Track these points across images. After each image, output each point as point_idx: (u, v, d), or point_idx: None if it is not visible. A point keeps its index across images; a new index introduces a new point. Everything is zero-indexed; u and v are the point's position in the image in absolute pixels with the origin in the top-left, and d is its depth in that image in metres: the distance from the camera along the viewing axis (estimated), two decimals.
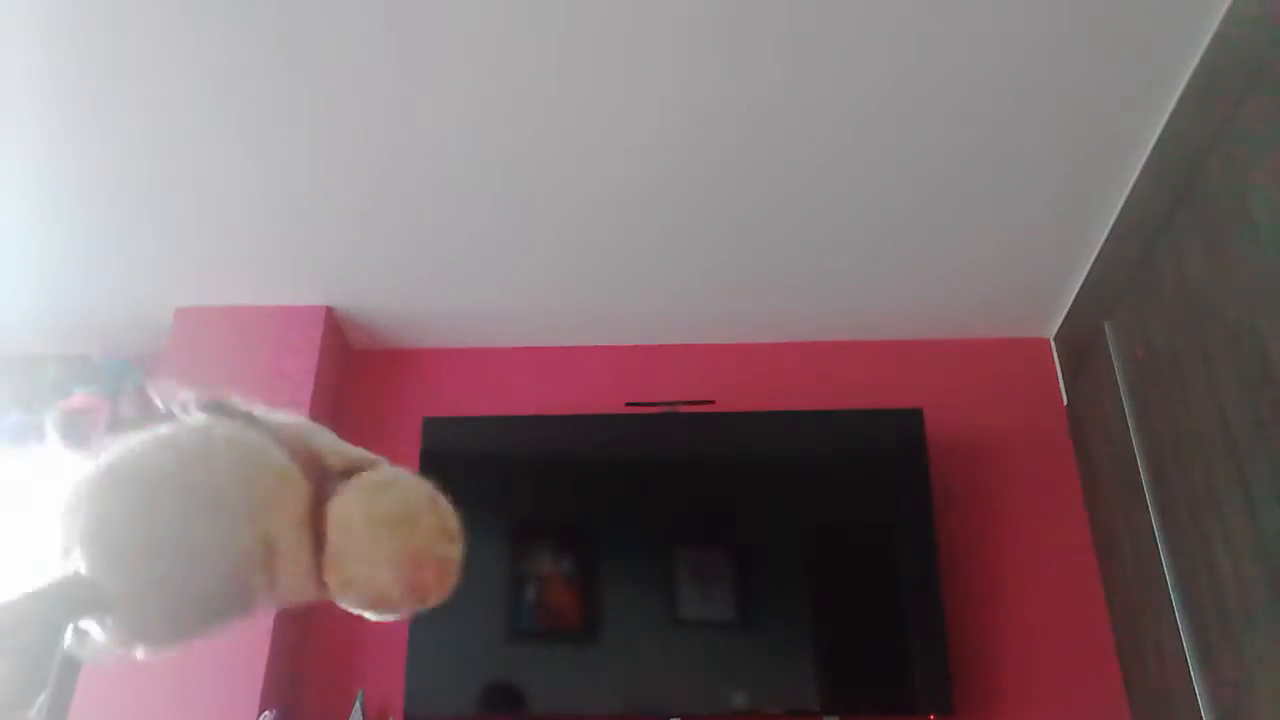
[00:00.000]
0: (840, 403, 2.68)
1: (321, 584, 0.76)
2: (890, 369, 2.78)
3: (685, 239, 2.42)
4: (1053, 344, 2.81)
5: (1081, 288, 2.56)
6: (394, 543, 0.77)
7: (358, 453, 0.83)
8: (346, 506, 0.77)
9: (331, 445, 0.82)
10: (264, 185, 2.24)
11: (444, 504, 0.81)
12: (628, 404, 2.68)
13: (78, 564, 0.67)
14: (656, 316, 2.74)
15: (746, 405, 2.66)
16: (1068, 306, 2.66)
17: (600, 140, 2.10)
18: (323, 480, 0.78)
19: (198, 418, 0.82)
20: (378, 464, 0.83)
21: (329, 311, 2.69)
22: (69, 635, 0.67)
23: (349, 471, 0.80)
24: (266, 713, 2.23)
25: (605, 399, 2.73)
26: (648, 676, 2.37)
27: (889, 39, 1.85)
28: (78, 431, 0.77)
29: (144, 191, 2.26)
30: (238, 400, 0.86)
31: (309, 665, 2.48)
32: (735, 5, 1.78)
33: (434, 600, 0.79)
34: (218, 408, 0.85)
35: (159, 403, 0.85)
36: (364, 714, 2.37)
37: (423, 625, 2.39)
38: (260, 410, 0.86)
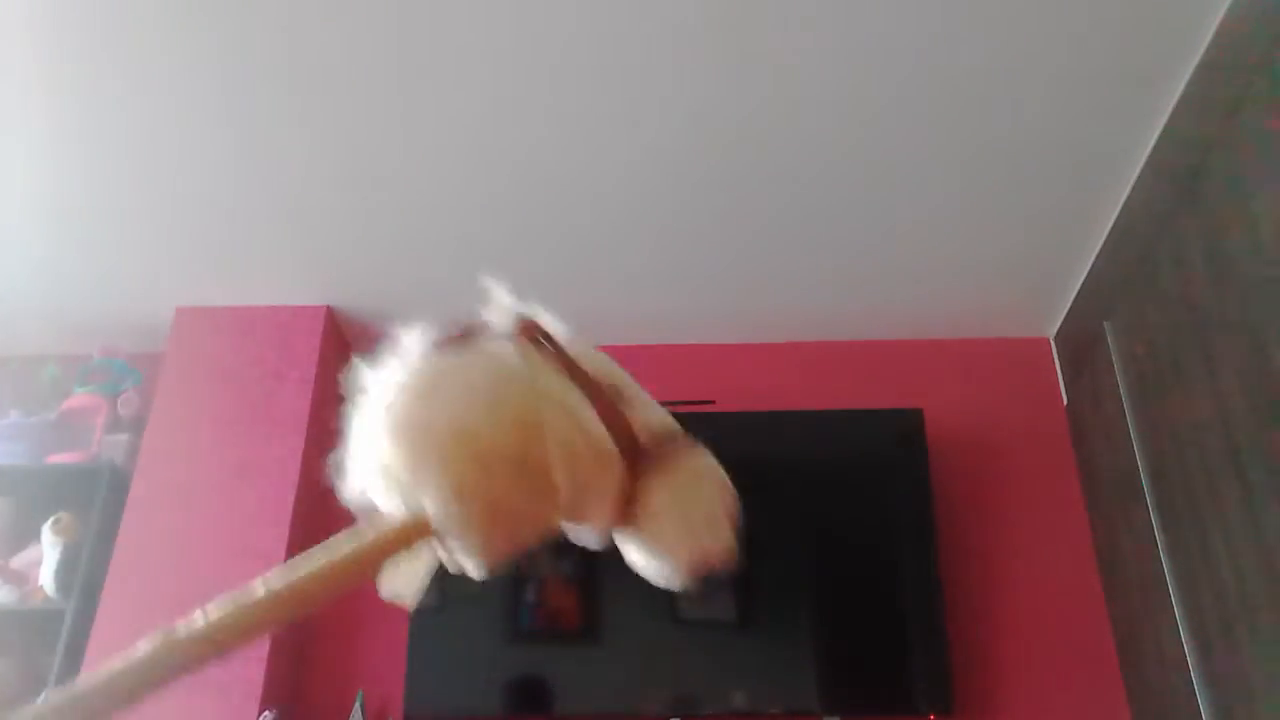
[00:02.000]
0: (840, 403, 2.68)
1: (608, 533, 0.88)
2: (890, 369, 2.78)
3: (685, 239, 2.42)
4: (1053, 344, 2.81)
5: (1081, 288, 2.56)
6: (697, 535, 0.88)
7: (662, 424, 0.88)
8: (661, 495, 0.85)
9: (644, 410, 0.87)
10: (264, 185, 2.24)
11: (731, 491, 0.91)
12: None
13: (426, 506, 0.76)
14: (656, 316, 2.74)
15: (746, 405, 2.66)
16: (1068, 306, 2.66)
17: (600, 141, 2.10)
18: (634, 455, 0.83)
19: (515, 355, 0.87)
20: (679, 442, 0.88)
21: (329, 311, 2.69)
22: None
23: (658, 446, 0.86)
24: (266, 713, 2.23)
25: None
26: (648, 676, 2.36)
27: (889, 40, 1.85)
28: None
29: (144, 192, 2.26)
30: (549, 328, 0.91)
31: (309, 665, 2.48)
32: (735, 7, 1.78)
33: (705, 575, 0.89)
34: (532, 337, 0.90)
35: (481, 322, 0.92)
36: (364, 714, 2.37)
37: (423, 625, 2.39)
38: (575, 350, 0.90)
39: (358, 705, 2.38)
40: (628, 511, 0.85)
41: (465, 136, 2.09)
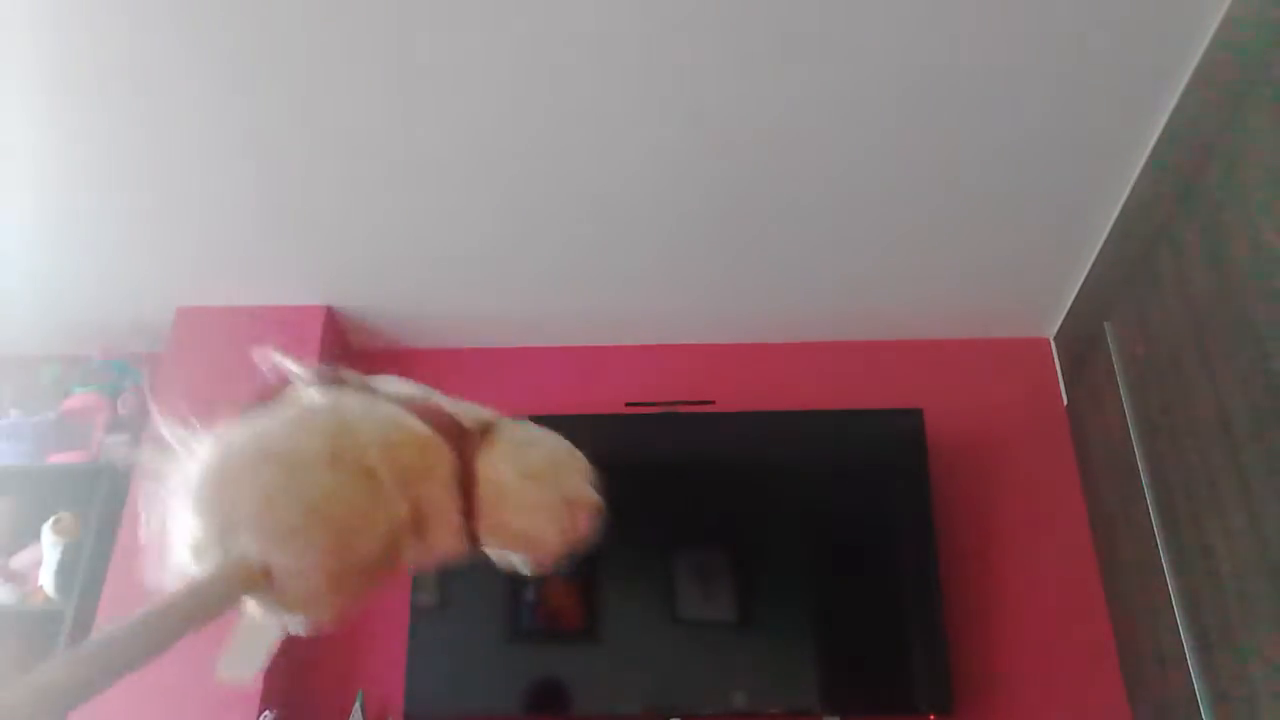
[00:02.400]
0: (840, 403, 2.68)
1: (471, 537, 0.81)
2: (890, 369, 2.78)
3: (685, 240, 2.42)
4: (1053, 344, 2.81)
5: (1081, 288, 2.56)
6: (549, 492, 0.83)
7: (485, 411, 0.86)
8: (497, 464, 0.81)
9: (460, 407, 0.84)
10: (265, 185, 2.24)
11: (580, 453, 0.87)
12: (628, 404, 2.68)
13: (243, 546, 0.68)
14: (656, 316, 2.74)
15: (746, 405, 2.66)
16: (1068, 306, 2.66)
17: (600, 141, 2.10)
18: (460, 441, 0.80)
19: (320, 395, 0.83)
20: (506, 421, 0.86)
21: (329, 311, 2.69)
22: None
23: (483, 430, 0.83)
24: (266, 713, 2.23)
25: (605, 399, 2.73)
26: (648, 676, 2.37)
27: (889, 40, 1.84)
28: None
29: (145, 191, 2.26)
30: (353, 374, 0.88)
31: (309, 665, 2.48)
32: (736, 6, 1.78)
33: (583, 540, 0.84)
34: (336, 381, 0.86)
35: (271, 378, 0.86)
36: (364, 714, 2.37)
37: (423, 625, 2.40)
38: (377, 382, 0.87)
39: (358, 705, 2.38)
40: (473, 502, 0.80)
41: (466, 137, 2.09)
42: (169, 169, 2.19)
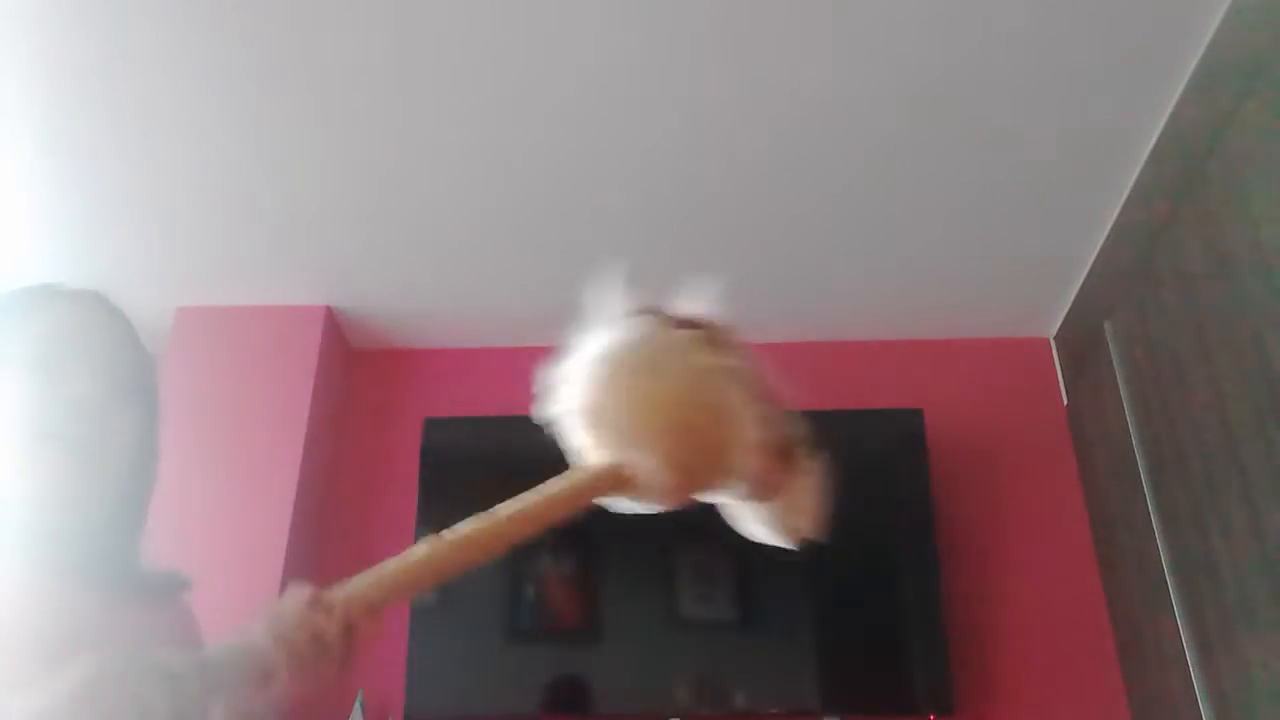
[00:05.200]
0: (840, 403, 2.68)
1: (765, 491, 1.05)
2: (890, 369, 2.78)
3: (686, 240, 2.42)
4: (1053, 344, 2.81)
5: (1081, 288, 2.56)
6: (809, 524, 1.11)
7: (789, 426, 1.07)
8: (794, 493, 1.07)
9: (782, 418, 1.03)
10: (264, 185, 2.24)
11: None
12: None
13: (624, 451, 0.95)
14: None
15: None
16: (1068, 306, 2.66)
17: (601, 142, 2.10)
18: (783, 453, 1.05)
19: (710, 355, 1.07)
20: (802, 444, 1.08)
21: (329, 311, 2.69)
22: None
23: (793, 447, 1.07)
24: None
25: None
26: (648, 676, 2.37)
27: (889, 39, 1.85)
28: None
29: (144, 191, 2.26)
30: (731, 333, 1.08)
31: None
32: (739, 5, 1.78)
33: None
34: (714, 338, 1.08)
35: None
36: (364, 714, 2.37)
37: (423, 625, 2.39)
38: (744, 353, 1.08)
39: (358, 705, 2.37)
40: (764, 494, 1.03)
41: (466, 136, 2.09)
42: (168, 168, 2.19)
